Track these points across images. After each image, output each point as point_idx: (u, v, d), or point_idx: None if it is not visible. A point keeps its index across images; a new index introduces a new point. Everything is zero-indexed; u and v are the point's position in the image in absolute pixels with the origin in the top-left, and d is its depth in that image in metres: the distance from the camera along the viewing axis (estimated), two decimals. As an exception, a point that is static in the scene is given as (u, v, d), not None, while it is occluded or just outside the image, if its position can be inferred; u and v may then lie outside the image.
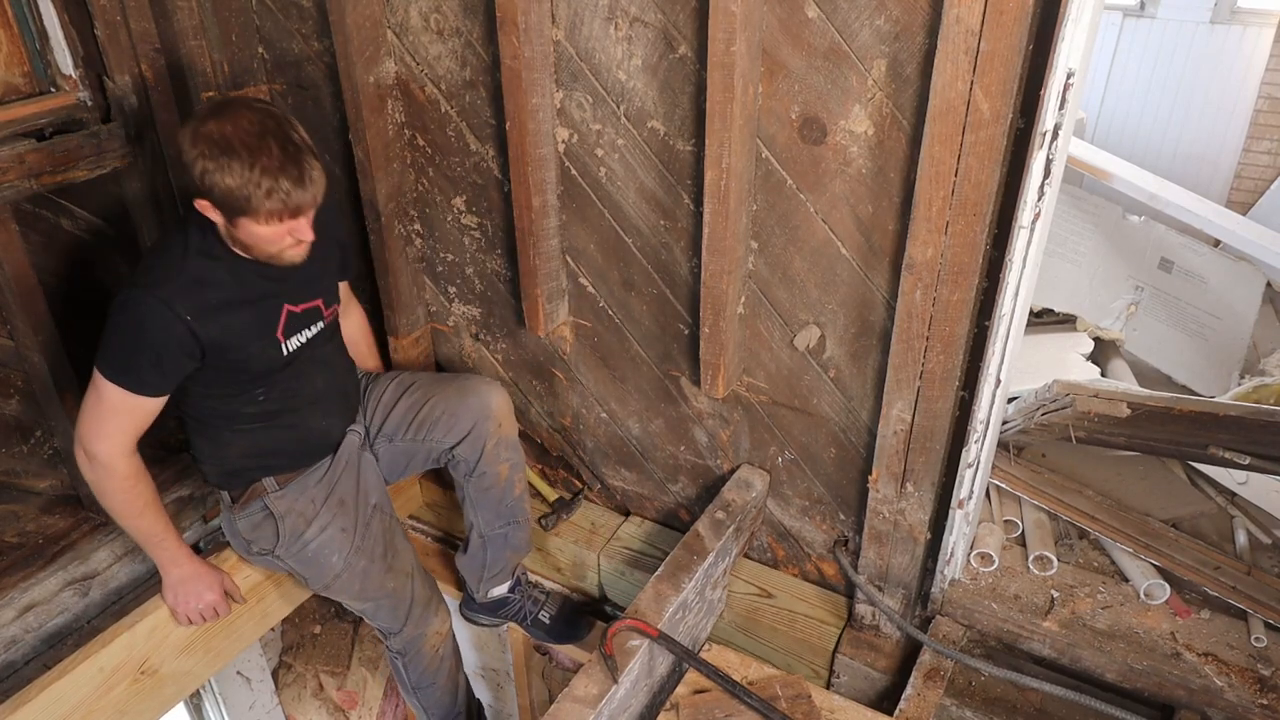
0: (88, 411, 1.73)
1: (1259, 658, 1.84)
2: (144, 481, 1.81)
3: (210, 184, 1.57)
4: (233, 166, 1.55)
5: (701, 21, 1.65)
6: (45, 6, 1.86)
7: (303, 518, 1.92)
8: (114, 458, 1.75)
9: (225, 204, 1.60)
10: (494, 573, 2.24)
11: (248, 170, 1.55)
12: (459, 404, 2.09)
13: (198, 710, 2.92)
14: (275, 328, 1.81)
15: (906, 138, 1.60)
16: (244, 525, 1.94)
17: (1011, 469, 2.23)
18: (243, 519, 1.94)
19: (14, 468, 2.16)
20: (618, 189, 1.95)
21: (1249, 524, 2.18)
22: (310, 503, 1.93)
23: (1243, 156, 4.52)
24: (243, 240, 1.68)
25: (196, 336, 1.68)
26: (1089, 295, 3.28)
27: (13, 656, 2.00)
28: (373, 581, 2.01)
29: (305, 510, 1.93)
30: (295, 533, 1.92)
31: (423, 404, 2.10)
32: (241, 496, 1.94)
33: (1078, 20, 1.36)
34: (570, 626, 2.32)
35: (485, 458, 2.10)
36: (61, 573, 2.11)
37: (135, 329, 1.67)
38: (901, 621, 2.00)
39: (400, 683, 2.31)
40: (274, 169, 1.57)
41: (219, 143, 1.55)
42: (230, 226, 1.65)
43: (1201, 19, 4.39)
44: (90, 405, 1.72)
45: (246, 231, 1.64)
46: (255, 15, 2.19)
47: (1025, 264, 1.58)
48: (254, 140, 1.56)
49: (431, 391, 2.12)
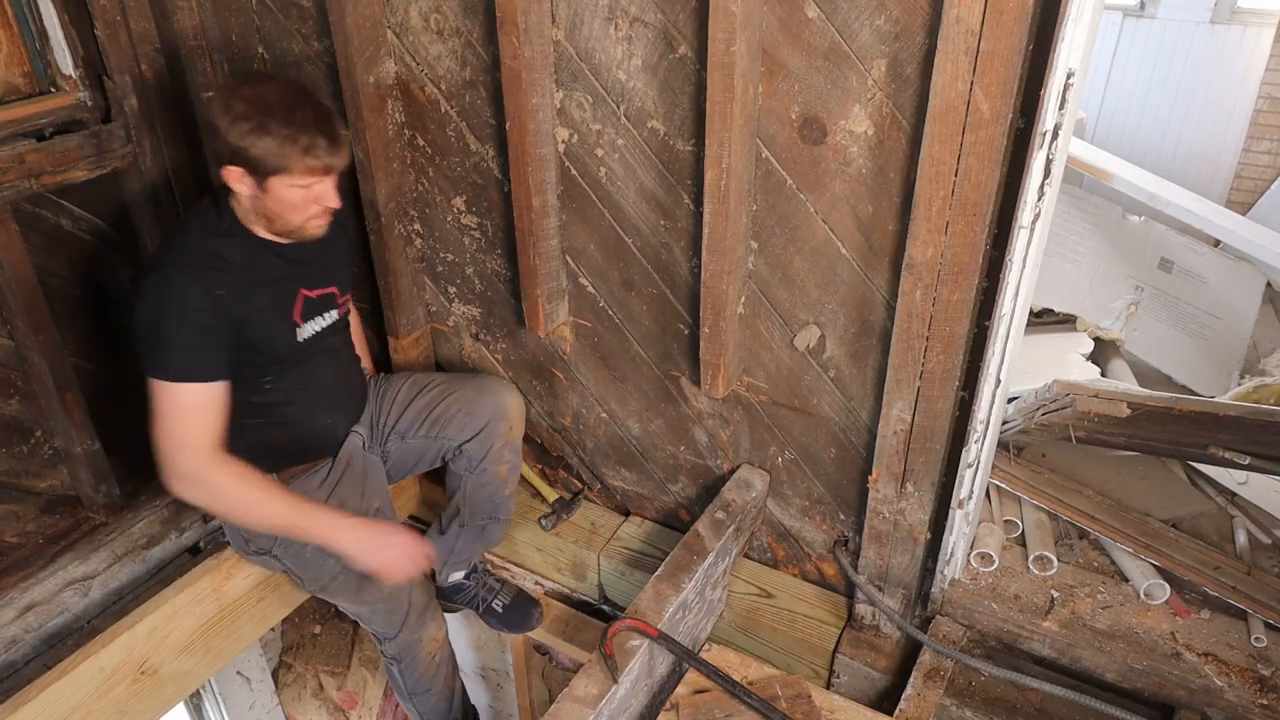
0: (163, 432, 1.64)
1: (1259, 658, 1.84)
2: (251, 471, 1.72)
3: (247, 144, 1.60)
4: (271, 125, 1.59)
5: (701, 21, 1.65)
6: (45, 6, 1.86)
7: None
8: (210, 465, 1.65)
9: (261, 164, 1.62)
10: (459, 560, 2.27)
11: (286, 127, 1.60)
12: (475, 403, 2.11)
13: (198, 710, 2.93)
14: (292, 310, 1.82)
15: (906, 138, 1.60)
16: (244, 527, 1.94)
17: (1011, 469, 2.23)
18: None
19: (14, 468, 2.16)
20: (618, 189, 1.95)
21: (1249, 524, 2.18)
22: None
23: (1243, 156, 4.52)
24: (269, 209, 1.69)
25: (228, 314, 1.68)
26: (1089, 295, 3.28)
27: (13, 656, 2.00)
28: (369, 585, 2.01)
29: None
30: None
31: (438, 402, 2.12)
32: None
33: (1078, 20, 1.36)
34: (522, 616, 2.34)
35: (490, 456, 2.12)
36: (61, 573, 2.11)
37: (177, 313, 1.64)
38: (901, 621, 2.00)
39: (396, 688, 2.31)
40: (311, 126, 1.62)
41: (256, 103, 1.60)
42: (259, 193, 1.67)
43: (1201, 19, 4.39)
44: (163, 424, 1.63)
45: (276, 196, 1.66)
46: (255, 15, 2.19)
47: (1025, 264, 1.58)
48: (290, 100, 1.63)
49: (448, 390, 2.14)
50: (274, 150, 1.61)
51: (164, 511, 2.31)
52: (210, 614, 2.16)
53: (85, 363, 2.24)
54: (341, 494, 1.97)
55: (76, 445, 2.12)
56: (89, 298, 2.23)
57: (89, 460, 2.15)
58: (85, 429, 2.12)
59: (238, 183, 1.67)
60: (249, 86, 1.63)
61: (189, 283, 1.65)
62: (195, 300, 1.65)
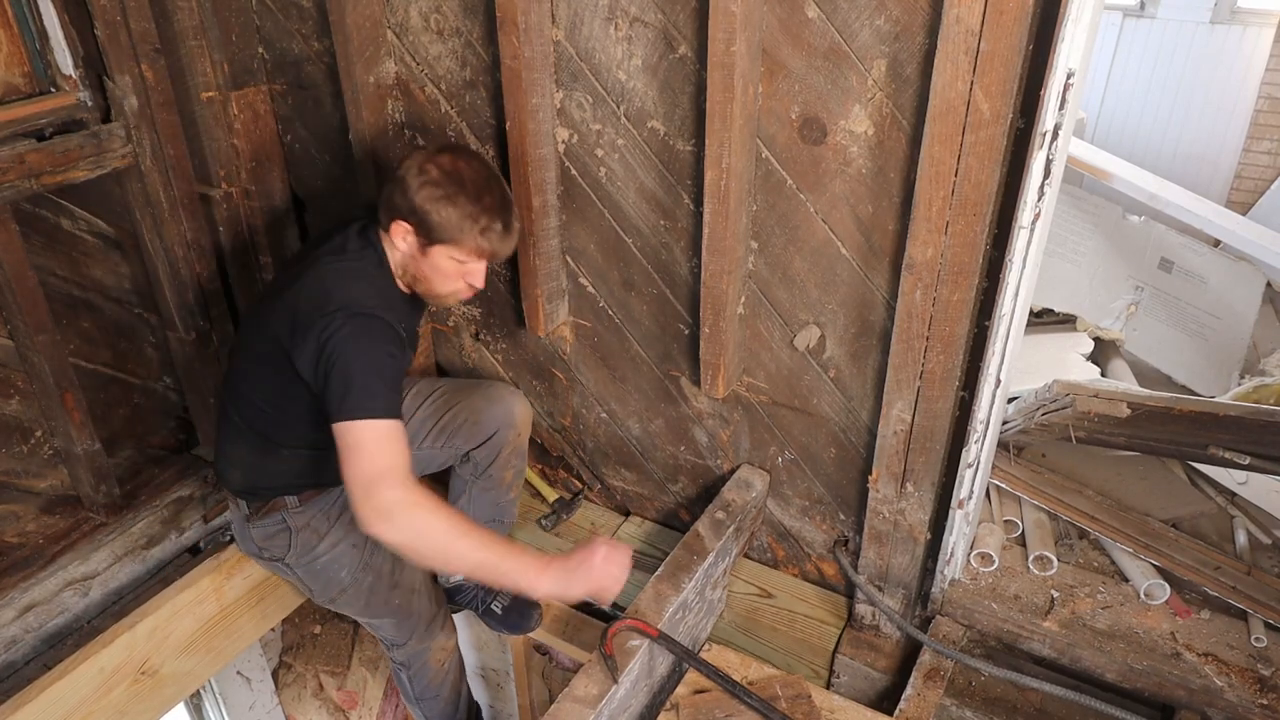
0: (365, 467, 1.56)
1: (1259, 658, 1.84)
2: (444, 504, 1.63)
3: (430, 209, 1.66)
4: (460, 199, 1.67)
5: (701, 21, 1.65)
6: (45, 6, 1.86)
7: (316, 533, 1.92)
8: (411, 498, 1.57)
9: (434, 231, 1.68)
10: None
11: (472, 205, 1.68)
12: (483, 411, 2.11)
13: (198, 710, 2.93)
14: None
15: (906, 138, 1.60)
16: (258, 534, 1.93)
17: (1011, 469, 2.23)
18: (257, 528, 1.93)
19: (14, 468, 2.16)
20: (618, 189, 1.95)
21: (1249, 524, 2.18)
22: (325, 519, 1.92)
23: (1243, 156, 4.52)
24: (421, 271, 1.75)
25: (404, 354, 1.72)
26: (1089, 295, 3.28)
27: (13, 656, 2.00)
28: (378, 598, 2.01)
29: (319, 526, 1.92)
30: (307, 546, 1.91)
31: (445, 410, 2.11)
32: (262, 509, 1.92)
33: (1078, 20, 1.36)
34: (521, 617, 2.33)
35: (497, 462, 2.13)
36: (61, 573, 2.11)
37: (386, 353, 1.66)
38: (901, 621, 2.00)
39: (403, 692, 2.31)
40: (493, 211, 1.70)
41: (451, 174, 1.67)
42: (419, 255, 1.72)
43: (1201, 19, 4.39)
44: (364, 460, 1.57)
45: (433, 262, 1.72)
46: (255, 15, 2.19)
47: (1025, 264, 1.58)
48: (482, 181, 1.70)
49: (455, 398, 2.13)
50: (452, 222, 1.67)
51: (164, 511, 2.31)
52: (210, 614, 2.16)
53: (85, 363, 2.24)
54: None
55: (76, 445, 2.12)
56: (89, 298, 2.23)
57: (89, 460, 2.16)
58: (85, 429, 2.12)
59: (402, 238, 1.72)
60: (449, 157, 1.70)
61: (388, 325, 1.68)
62: (394, 342, 1.68)
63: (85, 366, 2.23)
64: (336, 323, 1.63)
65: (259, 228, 2.36)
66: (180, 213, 2.18)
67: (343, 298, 1.67)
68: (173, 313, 2.27)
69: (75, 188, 2.02)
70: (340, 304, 1.65)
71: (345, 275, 1.73)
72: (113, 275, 2.27)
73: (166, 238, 2.17)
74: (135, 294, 2.32)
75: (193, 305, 2.27)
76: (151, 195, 2.11)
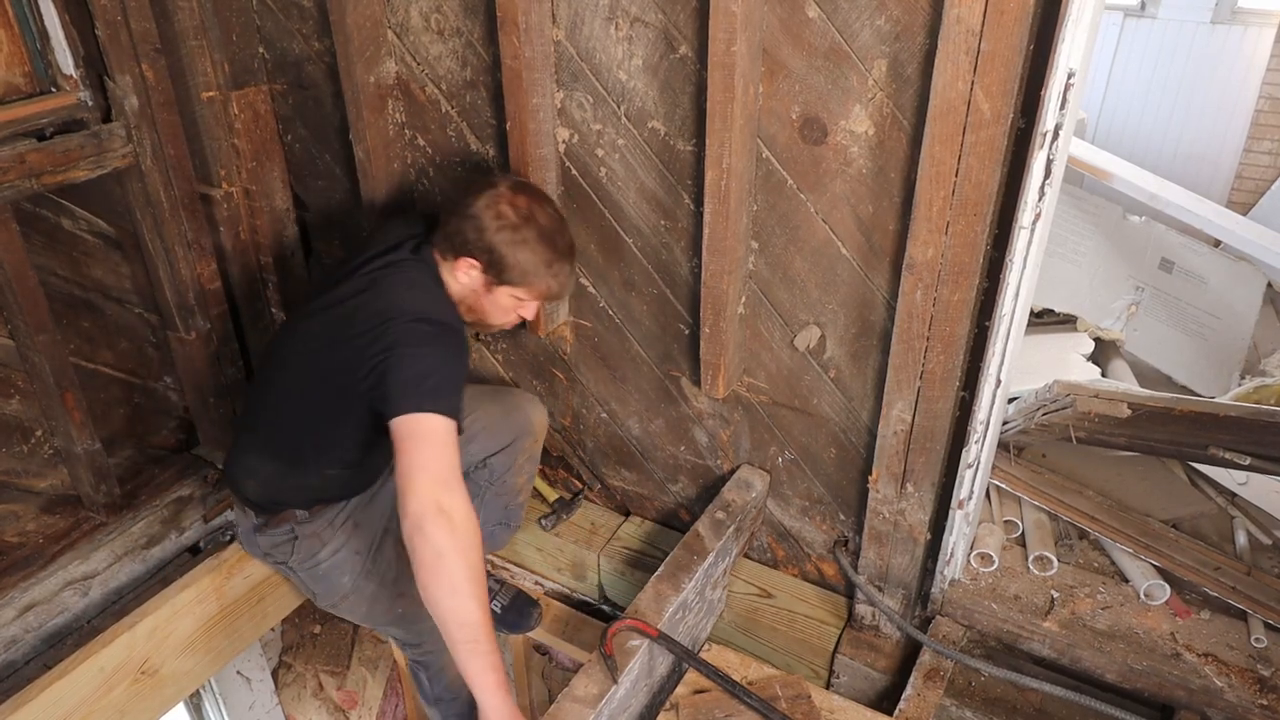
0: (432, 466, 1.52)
1: (1259, 658, 1.84)
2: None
3: (505, 252, 1.70)
4: (536, 245, 1.72)
5: (702, 21, 1.65)
6: (46, 6, 1.86)
7: (320, 540, 1.91)
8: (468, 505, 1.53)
9: (505, 272, 1.72)
10: None
11: (547, 250, 1.73)
12: (502, 420, 2.13)
13: (198, 710, 2.93)
14: None
15: (907, 138, 1.60)
16: (265, 541, 1.93)
17: (1011, 469, 2.23)
18: (265, 537, 1.93)
19: (14, 468, 2.16)
20: (618, 189, 1.95)
21: (1249, 524, 2.18)
22: (330, 527, 1.92)
23: (1243, 157, 4.52)
24: (480, 305, 1.79)
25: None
26: (1089, 295, 3.28)
27: (13, 656, 2.00)
28: (380, 606, 2.00)
29: (325, 534, 1.92)
30: (310, 552, 1.91)
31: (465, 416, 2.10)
32: (272, 520, 1.91)
33: (1078, 20, 1.36)
34: (521, 617, 2.34)
35: (513, 469, 2.15)
36: (61, 573, 2.11)
37: (458, 359, 1.67)
38: (901, 622, 2.00)
39: (420, 691, 2.28)
40: (564, 257, 1.78)
41: (528, 218, 1.71)
42: (482, 290, 1.76)
43: (1202, 19, 4.39)
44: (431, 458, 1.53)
45: (495, 299, 1.77)
46: (256, 15, 2.19)
47: (1025, 264, 1.58)
48: (553, 225, 1.76)
49: (474, 405, 2.11)
50: (526, 267, 1.72)
51: (164, 511, 2.32)
52: (210, 614, 2.16)
53: (85, 363, 2.24)
54: (357, 515, 1.96)
55: (76, 445, 2.13)
56: (89, 298, 2.23)
57: (89, 460, 2.16)
58: (85, 429, 2.12)
59: (466, 272, 1.75)
60: (525, 199, 1.73)
61: (463, 339, 1.72)
62: (465, 357, 1.72)
63: (85, 366, 2.23)
64: (413, 328, 1.63)
65: (259, 228, 2.36)
66: (180, 213, 2.18)
67: (417, 307, 1.67)
68: (173, 313, 2.27)
69: (76, 187, 2.02)
70: (420, 312, 1.66)
71: (415, 288, 1.74)
72: (113, 275, 2.27)
73: (166, 238, 2.17)
74: (135, 294, 2.32)
75: (193, 305, 2.27)
76: (152, 195, 2.11)
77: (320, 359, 1.74)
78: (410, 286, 1.74)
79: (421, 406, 1.55)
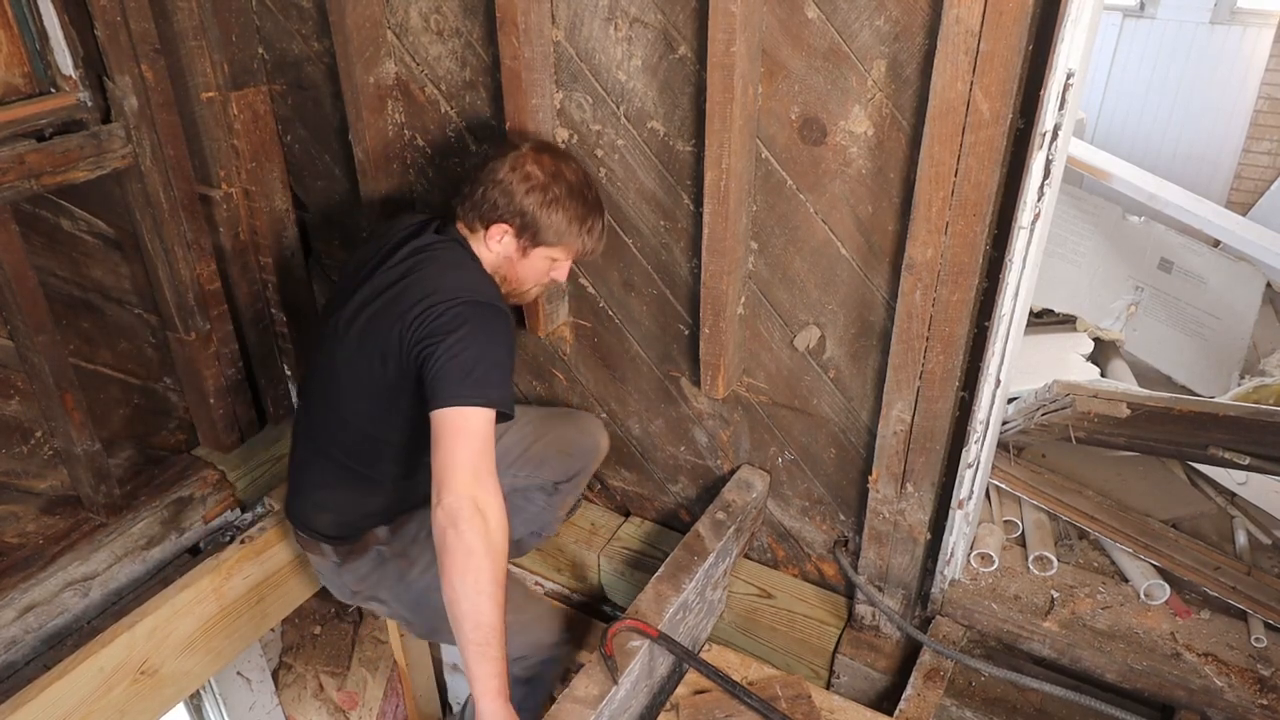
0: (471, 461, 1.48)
1: (1259, 658, 1.84)
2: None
3: (538, 213, 1.67)
4: (567, 203, 1.69)
5: (701, 22, 1.65)
6: (45, 7, 1.86)
7: (408, 559, 1.88)
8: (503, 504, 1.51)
9: (540, 233, 1.69)
10: None
11: (579, 206, 1.71)
12: (574, 443, 2.14)
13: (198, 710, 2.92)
14: None
15: (906, 138, 1.60)
16: (350, 578, 1.88)
17: (1011, 469, 2.23)
18: (349, 572, 1.87)
19: (14, 468, 2.16)
20: (618, 189, 1.95)
21: (1249, 524, 2.18)
22: (415, 543, 1.88)
23: (1243, 157, 4.52)
24: (515, 271, 1.75)
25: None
26: (1089, 295, 3.28)
27: (13, 657, 2.00)
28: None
29: (411, 552, 1.87)
30: (400, 574, 1.87)
31: (533, 442, 2.10)
32: (354, 550, 1.85)
33: (1077, 20, 1.36)
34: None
35: (574, 488, 2.19)
36: (61, 573, 2.11)
37: (505, 343, 1.61)
38: (901, 622, 2.00)
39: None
40: (594, 211, 1.76)
41: (555, 176, 1.68)
42: (517, 255, 1.73)
43: (1201, 19, 4.39)
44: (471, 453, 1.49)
45: (530, 262, 1.74)
46: (255, 15, 2.19)
47: (1025, 264, 1.58)
48: (582, 184, 1.73)
49: (543, 429, 2.11)
50: (560, 225, 1.69)
51: (164, 512, 2.32)
52: (210, 614, 2.16)
53: (85, 363, 2.24)
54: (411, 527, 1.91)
55: (76, 445, 2.13)
56: (89, 298, 2.23)
57: (89, 460, 2.16)
58: (85, 429, 2.12)
59: (499, 239, 1.71)
60: (549, 158, 1.70)
61: (508, 318, 1.65)
62: (511, 336, 1.64)
63: (85, 366, 2.23)
64: (457, 311, 1.58)
65: (259, 228, 2.36)
66: (180, 213, 2.18)
67: (460, 287, 1.62)
68: (173, 313, 2.27)
69: (75, 188, 2.02)
70: (461, 293, 1.60)
71: (451, 268, 1.68)
72: (113, 275, 2.27)
73: (166, 238, 2.17)
74: (135, 294, 2.32)
75: (193, 305, 2.27)
76: (151, 195, 2.11)
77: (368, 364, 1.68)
78: (446, 267, 1.68)
79: (463, 399, 1.51)
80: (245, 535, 2.29)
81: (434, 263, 1.69)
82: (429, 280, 1.65)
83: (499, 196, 1.68)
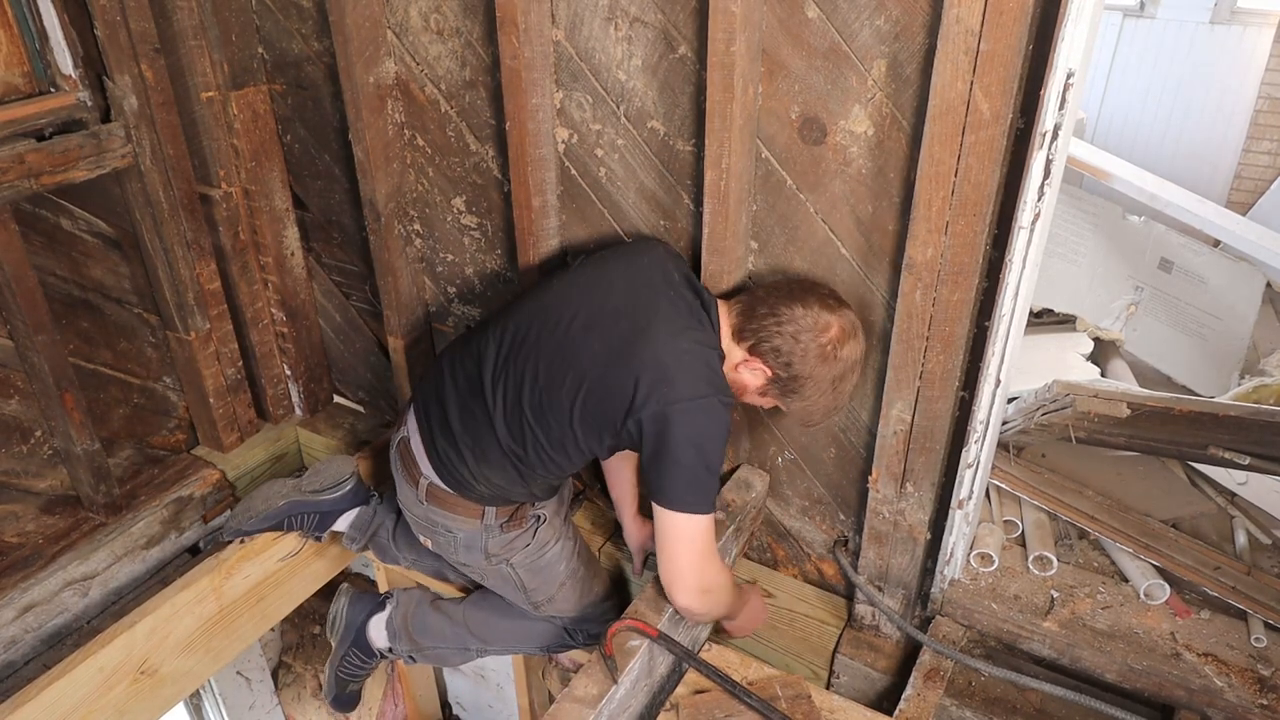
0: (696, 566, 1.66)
1: (1259, 658, 1.84)
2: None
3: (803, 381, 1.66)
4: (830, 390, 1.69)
5: (701, 21, 1.65)
6: (45, 6, 1.86)
7: (552, 527, 1.96)
8: (724, 574, 1.77)
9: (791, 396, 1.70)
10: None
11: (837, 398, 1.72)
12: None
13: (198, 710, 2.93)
14: None
15: (906, 138, 1.60)
16: (496, 543, 1.89)
17: (1011, 469, 2.23)
18: (498, 539, 1.89)
19: (14, 468, 2.16)
20: (618, 189, 1.95)
21: (1249, 524, 2.18)
22: (556, 513, 1.99)
23: (1243, 157, 4.52)
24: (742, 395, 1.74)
25: None
26: (1089, 295, 3.28)
27: (13, 656, 2.01)
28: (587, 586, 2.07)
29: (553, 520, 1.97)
30: (541, 542, 1.94)
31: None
32: (513, 514, 1.89)
33: (1078, 20, 1.36)
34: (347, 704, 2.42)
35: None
36: (61, 573, 2.11)
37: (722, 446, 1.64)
38: (901, 622, 2.00)
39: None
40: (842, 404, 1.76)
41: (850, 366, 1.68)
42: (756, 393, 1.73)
43: (1201, 19, 4.39)
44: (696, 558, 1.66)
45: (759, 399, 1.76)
46: (255, 15, 2.19)
47: (1025, 264, 1.58)
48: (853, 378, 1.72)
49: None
50: (812, 404, 1.71)
51: (164, 511, 2.32)
52: (210, 614, 2.16)
53: (85, 363, 2.24)
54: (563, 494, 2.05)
55: (76, 445, 2.13)
56: (89, 298, 2.23)
57: (89, 460, 2.16)
58: (85, 429, 2.12)
59: (752, 370, 1.69)
60: (856, 344, 1.68)
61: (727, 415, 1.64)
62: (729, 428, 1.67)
63: (85, 366, 2.23)
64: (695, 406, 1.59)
65: (258, 228, 2.37)
66: (180, 212, 2.18)
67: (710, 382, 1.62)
68: (173, 313, 2.27)
69: (75, 188, 2.02)
70: (700, 386, 1.60)
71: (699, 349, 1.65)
72: (113, 275, 2.27)
73: (166, 237, 2.17)
74: (135, 294, 2.32)
75: (193, 305, 2.27)
76: (151, 195, 2.11)
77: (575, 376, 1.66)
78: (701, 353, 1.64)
79: (690, 506, 1.61)
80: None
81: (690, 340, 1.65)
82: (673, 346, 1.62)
83: (784, 345, 1.64)
